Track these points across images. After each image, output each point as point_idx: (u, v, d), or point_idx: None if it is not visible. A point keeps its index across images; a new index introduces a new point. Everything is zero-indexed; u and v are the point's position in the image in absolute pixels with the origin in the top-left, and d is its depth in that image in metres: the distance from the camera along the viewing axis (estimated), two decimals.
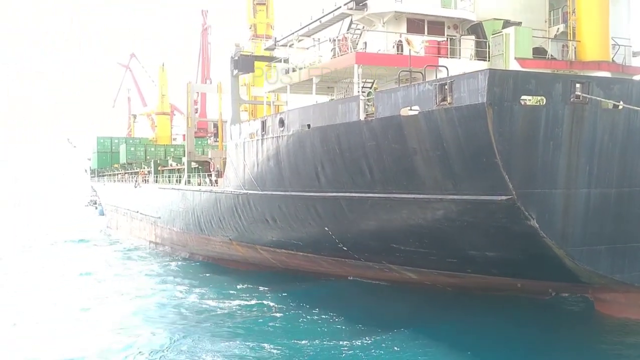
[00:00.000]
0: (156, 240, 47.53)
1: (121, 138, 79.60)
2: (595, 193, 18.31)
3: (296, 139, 25.00)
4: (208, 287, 29.87)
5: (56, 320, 24.19)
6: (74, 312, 25.47)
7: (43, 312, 25.68)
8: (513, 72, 18.76)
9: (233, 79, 32.23)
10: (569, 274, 19.65)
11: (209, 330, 21.77)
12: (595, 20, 23.68)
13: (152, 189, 47.90)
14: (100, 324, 23.32)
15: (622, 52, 28.02)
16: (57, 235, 58.30)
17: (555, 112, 17.30)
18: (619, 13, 28.99)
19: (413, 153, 19.61)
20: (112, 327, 22.61)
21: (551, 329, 20.73)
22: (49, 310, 25.81)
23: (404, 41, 21.13)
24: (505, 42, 23.12)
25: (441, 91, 17.89)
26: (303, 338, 20.09)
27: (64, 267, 38.04)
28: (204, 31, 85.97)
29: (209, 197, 35.00)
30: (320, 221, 25.71)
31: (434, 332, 20.19)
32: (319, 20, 26.81)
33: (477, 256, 20.97)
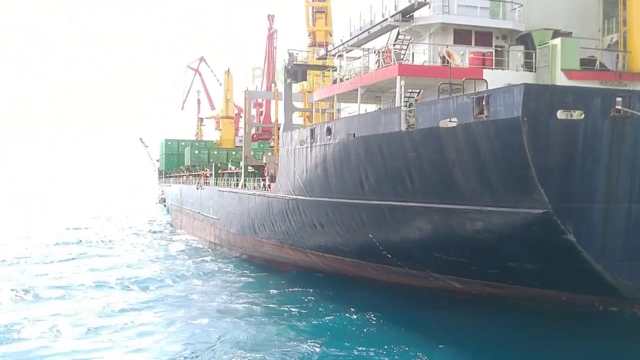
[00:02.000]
0: (215, 240, 49.23)
1: (187, 141, 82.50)
2: (638, 208, 18.05)
3: (342, 147, 25.65)
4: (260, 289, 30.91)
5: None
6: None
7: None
8: (549, 87, 18.75)
9: (286, 87, 33.22)
10: (610, 289, 19.43)
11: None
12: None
13: (212, 191, 49.72)
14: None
15: None
16: (140, 227, 65.21)
17: (594, 126, 17.21)
18: None
19: (452, 164, 19.88)
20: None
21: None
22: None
23: (445, 54, 21.38)
24: (552, 53, 22.93)
25: (478, 104, 18.12)
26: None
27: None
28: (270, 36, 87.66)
29: (262, 201, 36.15)
30: (364, 228, 26.24)
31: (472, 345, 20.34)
32: (367, 32, 27.34)
33: (517, 268, 20.98)
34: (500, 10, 25.44)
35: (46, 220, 73.50)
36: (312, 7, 52.64)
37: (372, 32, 27.03)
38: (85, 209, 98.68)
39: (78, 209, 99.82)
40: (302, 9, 51.03)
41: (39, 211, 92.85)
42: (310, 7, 51.98)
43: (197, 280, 33.33)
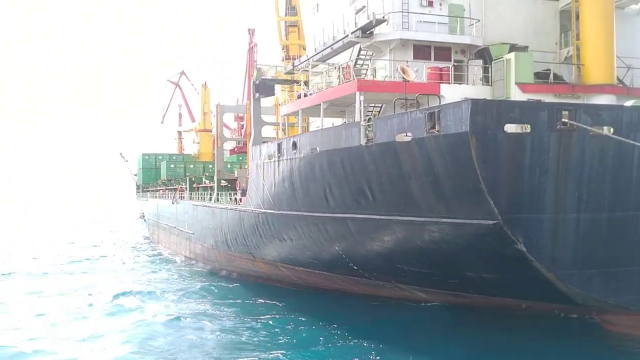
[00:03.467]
0: (190, 255, 49.27)
1: (165, 154, 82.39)
2: (586, 217, 18.59)
3: (306, 161, 26.05)
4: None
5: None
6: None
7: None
8: (496, 102, 19.31)
9: (255, 101, 33.61)
10: (564, 297, 19.95)
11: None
12: (599, 43, 23.91)
13: (187, 206, 49.80)
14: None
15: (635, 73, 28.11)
16: (118, 242, 65.79)
17: (541, 139, 17.75)
18: (634, 32, 29.07)
19: (408, 177, 20.35)
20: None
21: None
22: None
23: (399, 70, 21.92)
24: (506, 67, 23.60)
25: (430, 119, 18.62)
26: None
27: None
28: (251, 49, 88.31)
29: (234, 215, 36.39)
30: (331, 241, 26.61)
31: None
32: (330, 47, 27.86)
33: (475, 277, 21.47)
34: (458, 25, 26.09)
35: (21, 239, 73.07)
36: (285, 22, 53.20)
37: (335, 47, 27.57)
38: (64, 225, 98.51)
39: (56, 225, 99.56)
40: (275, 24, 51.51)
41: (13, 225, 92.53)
42: (283, 21, 52.52)
43: (169, 295, 33.40)
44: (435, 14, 26.22)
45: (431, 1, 26.20)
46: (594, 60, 24.03)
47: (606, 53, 24.04)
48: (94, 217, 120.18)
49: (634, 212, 18.94)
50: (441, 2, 26.36)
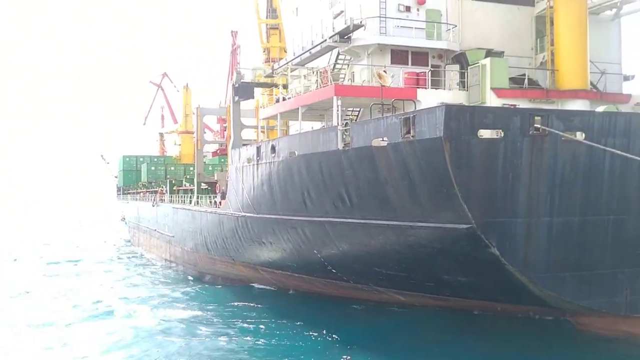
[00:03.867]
0: (170, 258, 49.07)
1: (146, 157, 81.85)
2: (558, 222, 18.89)
3: (285, 165, 26.13)
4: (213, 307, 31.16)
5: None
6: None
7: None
8: (470, 108, 19.56)
9: (234, 104, 33.61)
10: (537, 299, 20.24)
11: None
12: (573, 49, 24.29)
13: (167, 209, 49.60)
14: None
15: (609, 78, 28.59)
16: (98, 245, 65.63)
17: (514, 144, 18.00)
18: (609, 37, 29.56)
19: (385, 182, 20.52)
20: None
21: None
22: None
23: (376, 75, 22.10)
24: (482, 72, 23.88)
25: (405, 124, 18.80)
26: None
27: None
28: (234, 51, 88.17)
29: (214, 218, 36.33)
30: (309, 244, 26.69)
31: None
32: (309, 52, 27.97)
33: (451, 280, 21.69)
34: (435, 31, 26.34)
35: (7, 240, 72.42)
36: (266, 25, 53.21)
37: (313, 52, 27.69)
38: (61, 225, 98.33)
39: (53, 225, 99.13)
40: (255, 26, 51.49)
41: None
42: (264, 24, 52.53)
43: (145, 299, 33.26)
44: (412, 19, 26.45)
45: (408, 6, 26.43)
46: (568, 66, 24.41)
47: (580, 59, 24.43)
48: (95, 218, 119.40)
49: (605, 216, 19.28)
50: (418, 8, 26.60)
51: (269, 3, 52.01)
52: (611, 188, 19.10)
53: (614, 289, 19.73)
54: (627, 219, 19.46)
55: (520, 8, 28.60)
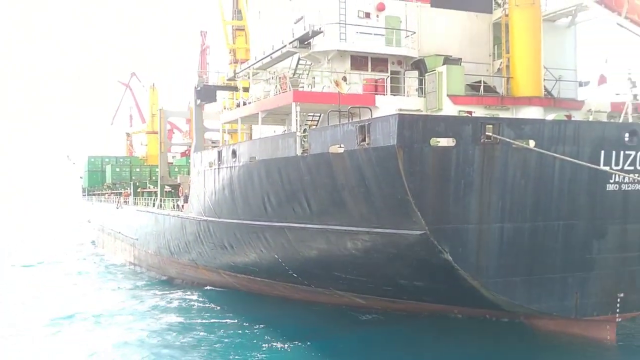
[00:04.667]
0: (134, 261, 48.61)
1: (112, 157, 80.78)
2: (509, 227, 19.30)
3: (246, 170, 26.15)
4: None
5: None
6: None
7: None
8: (422, 116, 19.86)
9: (196, 108, 33.48)
10: (490, 303, 20.67)
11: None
12: (527, 57, 24.82)
13: (131, 211, 49.10)
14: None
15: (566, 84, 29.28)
16: (62, 247, 64.29)
17: (466, 152, 18.34)
18: (565, 44, 30.25)
19: (342, 188, 20.71)
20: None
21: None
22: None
23: (333, 82, 22.29)
24: (438, 79, 24.24)
25: (361, 132, 19.00)
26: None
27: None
28: (203, 51, 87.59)
29: (176, 221, 36.13)
30: (270, 249, 26.76)
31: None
32: (269, 56, 28.02)
33: (407, 285, 22.01)
34: (394, 37, 26.64)
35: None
36: (232, 26, 53.07)
37: (274, 57, 27.75)
38: (40, 227, 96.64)
39: (32, 227, 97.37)
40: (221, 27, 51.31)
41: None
42: (229, 25, 52.38)
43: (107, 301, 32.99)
44: (372, 25, 26.69)
45: (368, 13, 26.68)
46: (522, 73, 24.93)
47: (534, 66, 24.98)
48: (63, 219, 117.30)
49: (555, 221, 19.76)
50: (378, 14, 26.86)
51: (235, 4, 51.87)
52: (561, 194, 19.58)
53: (564, 293, 20.23)
54: (577, 224, 19.98)
55: (478, 15, 29.11)
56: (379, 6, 26.81)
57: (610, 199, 20.09)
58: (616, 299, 20.68)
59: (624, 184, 20.17)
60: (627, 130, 19.95)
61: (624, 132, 19.90)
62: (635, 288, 20.97)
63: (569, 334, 21.60)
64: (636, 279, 20.95)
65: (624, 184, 20.17)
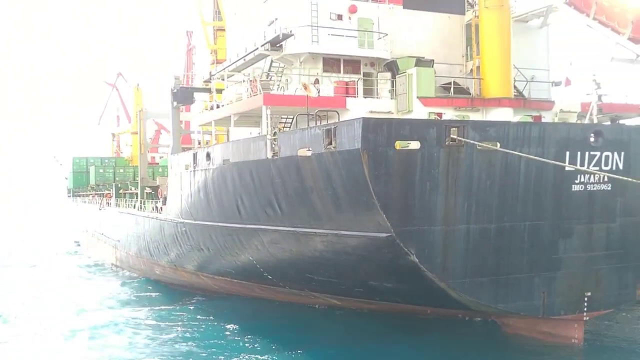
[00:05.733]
0: (116, 262, 48.58)
1: (97, 158, 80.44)
2: (475, 228, 19.46)
3: (219, 172, 26.22)
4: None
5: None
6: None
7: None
8: (387, 120, 19.98)
9: (173, 110, 33.46)
10: (458, 303, 20.86)
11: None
12: (496, 58, 25.00)
13: (113, 213, 49.01)
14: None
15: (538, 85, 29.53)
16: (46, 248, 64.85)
17: (431, 155, 18.49)
18: (537, 44, 30.50)
19: (310, 191, 20.83)
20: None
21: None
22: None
23: (301, 85, 22.40)
24: (409, 81, 24.38)
25: (327, 135, 19.11)
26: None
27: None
28: (189, 52, 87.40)
29: (155, 223, 36.14)
30: (245, 251, 26.86)
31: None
32: (243, 59, 28.07)
33: (377, 286, 22.17)
34: (366, 39, 26.75)
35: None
36: (213, 27, 53.03)
37: (248, 59, 27.80)
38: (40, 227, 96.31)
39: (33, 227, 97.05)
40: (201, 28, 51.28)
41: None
42: (210, 26, 52.35)
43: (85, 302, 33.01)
44: (344, 27, 26.80)
45: (340, 15, 26.78)
46: (492, 74, 25.12)
47: (503, 67, 25.17)
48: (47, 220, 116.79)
49: (521, 222, 19.96)
50: (350, 16, 26.97)
51: (215, 5, 51.82)
52: (526, 195, 19.78)
53: (531, 292, 20.44)
54: (542, 225, 20.19)
55: (451, 16, 29.28)
56: (351, 8, 26.93)
57: (575, 199, 20.33)
58: (583, 298, 20.94)
59: (589, 184, 20.42)
60: (592, 131, 20.20)
61: (589, 132, 20.14)
62: (602, 287, 21.24)
63: (538, 333, 21.86)
64: (602, 278, 21.22)
65: (589, 184, 20.42)
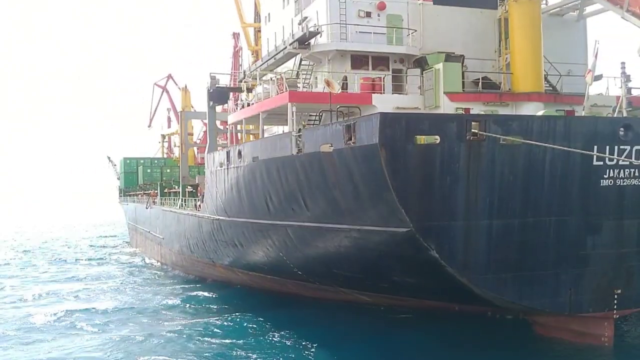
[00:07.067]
0: (161, 259, 49.99)
1: (146, 159, 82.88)
2: (498, 224, 19.22)
3: (249, 170, 26.74)
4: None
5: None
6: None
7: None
8: (405, 115, 19.98)
9: (210, 109, 34.27)
10: (481, 300, 20.62)
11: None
12: (526, 52, 24.60)
13: (158, 211, 50.49)
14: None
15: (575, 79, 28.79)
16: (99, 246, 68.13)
17: (451, 149, 18.39)
18: (574, 38, 29.81)
19: (333, 186, 21.04)
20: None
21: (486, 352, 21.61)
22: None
23: (324, 82, 22.61)
24: (435, 77, 24.26)
25: (347, 131, 19.29)
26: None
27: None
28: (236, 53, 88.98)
29: (194, 220, 37.07)
30: (275, 247, 27.28)
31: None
32: (273, 58, 28.53)
33: (401, 282, 22.18)
34: (394, 36, 26.76)
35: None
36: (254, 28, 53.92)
37: (278, 58, 28.24)
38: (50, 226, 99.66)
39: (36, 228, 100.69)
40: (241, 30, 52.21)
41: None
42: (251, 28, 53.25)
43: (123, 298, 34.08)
44: (373, 24, 26.89)
45: (369, 12, 26.90)
46: (522, 69, 24.72)
47: (533, 62, 24.74)
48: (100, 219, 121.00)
49: (546, 217, 19.60)
50: (379, 13, 27.04)
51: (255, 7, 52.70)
52: (552, 190, 19.40)
53: (557, 289, 20.02)
54: (569, 220, 19.75)
55: (483, 11, 28.94)
56: (380, 5, 27.00)
57: (604, 194, 19.81)
58: (613, 295, 20.37)
59: (619, 179, 19.86)
60: (621, 124, 19.64)
61: (618, 126, 19.60)
62: (634, 284, 20.61)
63: (568, 331, 21.36)
64: (634, 275, 20.59)
65: (619, 179, 19.85)
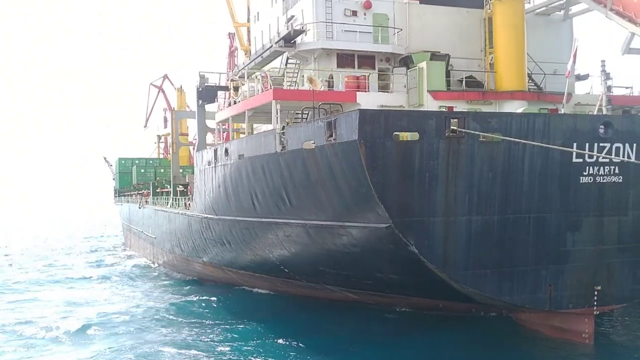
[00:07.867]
0: (153, 258, 50.08)
1: (141, 159, 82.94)
2: (477, 220, 19.38)
3: (236, 167, 26.87)
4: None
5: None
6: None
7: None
8: (385, 112, 20.07)
9: (199, 108, 34.40)
10: (462, 296, 20.76)
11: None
12: (510, 51, 24.77)
13: (150, 211, 50.55)
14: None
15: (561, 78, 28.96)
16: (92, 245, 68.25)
17: (430, 146, 18.54)
18: (560, 37, 30.00)
19: (315, 183, 21.18)
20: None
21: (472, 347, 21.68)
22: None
23: (307, 80, 22.76)
24: (419, 75, 24.42)
25: (329, 128, 19.43)
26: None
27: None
28: (231, 53, 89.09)
29: (184, 219, 37.17)
30: (262, 245, 27.41)
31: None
32: (260, 56, 28.68)
33: (384, 278, 22.29)
34: (380, 35, 26.91)
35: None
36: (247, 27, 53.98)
37: (265, 56, 28.39)
38: (46, 227, 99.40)
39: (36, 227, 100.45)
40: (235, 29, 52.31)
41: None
42: (244, 27, 53.36)
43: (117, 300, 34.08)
44: (359, 23, 27.05)
45: (355, 11, 27.05)
46: (506, 68, 24.90)
47: (517, 60, 24.92)
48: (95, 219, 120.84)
49: (525, 214, 19.76)
50: (365, 12, 27.21)
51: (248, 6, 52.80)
52: (531, 187, 19.56)
53: (537, 286, 20.17)
54: (549, 217, 19.92)
55: (469, 11, 29.13)
56: (366, 4, 27.16)
57: (584, 191, 19.97)
58: (593, 292, 20.53)
59: (598, 176, 20.02)
60: (601, 122, 19.80)
61: (598, 124, 19.76)
62: (614, 281, 20.77)
63: (550, 327, 21.51)
64: (614, 272, 20.75)
65: (598, 176, 20.02)
